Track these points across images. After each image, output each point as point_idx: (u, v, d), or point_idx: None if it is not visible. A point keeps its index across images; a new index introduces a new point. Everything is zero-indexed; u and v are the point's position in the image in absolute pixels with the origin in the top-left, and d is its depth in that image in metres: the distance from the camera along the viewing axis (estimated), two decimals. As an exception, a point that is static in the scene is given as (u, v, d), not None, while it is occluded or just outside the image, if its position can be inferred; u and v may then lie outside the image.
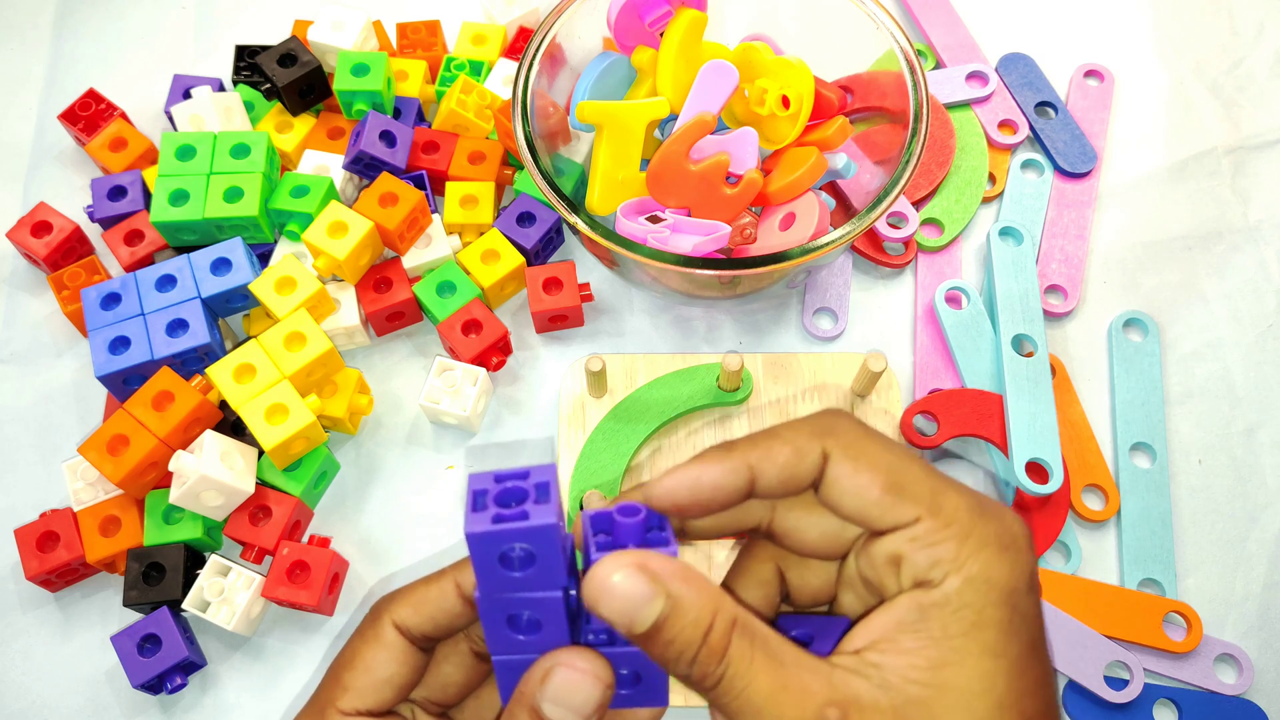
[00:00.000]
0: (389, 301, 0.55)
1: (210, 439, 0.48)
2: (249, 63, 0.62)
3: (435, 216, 0.57)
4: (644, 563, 0.27)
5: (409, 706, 0.34)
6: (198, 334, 0.50)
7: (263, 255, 0.56)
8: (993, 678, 0.27)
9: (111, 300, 0.52)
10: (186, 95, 0.61)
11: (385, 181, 0.55)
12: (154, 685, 0.47)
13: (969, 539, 0.28)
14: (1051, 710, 0.29)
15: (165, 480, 0.49)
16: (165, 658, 0.46)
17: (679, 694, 0.47)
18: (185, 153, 0.55)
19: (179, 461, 0.47)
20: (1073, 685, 0.48)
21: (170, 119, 0.60)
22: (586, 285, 0.56)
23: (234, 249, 0.53)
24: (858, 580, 0.31)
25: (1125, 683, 0.48)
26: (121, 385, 0.51)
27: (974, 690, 0.27)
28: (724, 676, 0.27)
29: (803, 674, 0.27)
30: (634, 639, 0.28)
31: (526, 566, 0.29)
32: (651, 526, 0.30)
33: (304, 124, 0.60)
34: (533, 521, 0.28)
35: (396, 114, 0.60)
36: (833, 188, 0.56)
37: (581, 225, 0.48)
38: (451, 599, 0.33)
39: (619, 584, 0.27)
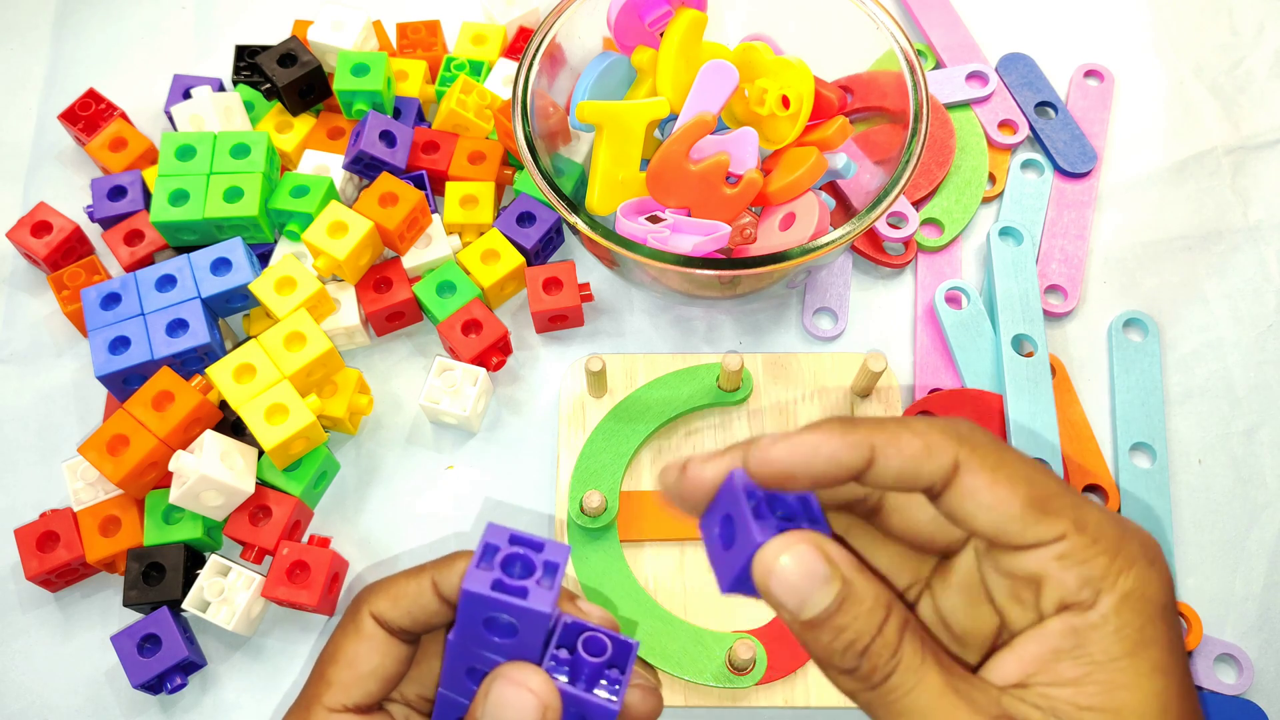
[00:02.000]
0: (389, 301, 0.55)
1: (210, 439, 0.48)
2: (249, 63, 0.62)
3: (435, 216, 0.57)
4: (821, 544, 0.26)
5: (401, 708, 0.34)
6: (198, 334, 0.50)
7: (263, 255, 0.56)
8: (1166, 697, 0.26)
9: (111, 300, 0.52)
10: (186, 95, 0.61)
11: (385, 181, 0.55)
12: (154, 685, 0.47)
13: (1119, 555, 0.27)
14: None
15: (165, 480, 0.49)
16: (165, 658, 0.46)
17: (678, 694, 0.47)
18: (185, 153, 0.55)
19: (179, 461, 0.47)
20: (1073, 685, 0.48)
21: (170, 119, 0.60)
22: (586, 285, 0.56)
23: (234, 249, 0.53)
24: (968, 584, 0.29)
25: (1125, 683, 0.48)
26: (121, 385, 0.51)
27: (1151, 712, 0.26)
28: (894, 672, 0.26)
29: (973, 688, 0.26)
30: (799, 626, 0.26)
31: (507, 635, 0.29)
32: (808, 515, 0.29)
33: (304, 124, 0.60)
34: (528, 603, 0.28)
35: (396, 114, 0.60)
36: (833, 188, 0.56)
37: (581, 225, 0.48)
38: (429, 596, 0.32)
39: (793, 565, 0.26)
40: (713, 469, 0.28)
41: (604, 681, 0.29)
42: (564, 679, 0.29)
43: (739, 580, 0.27)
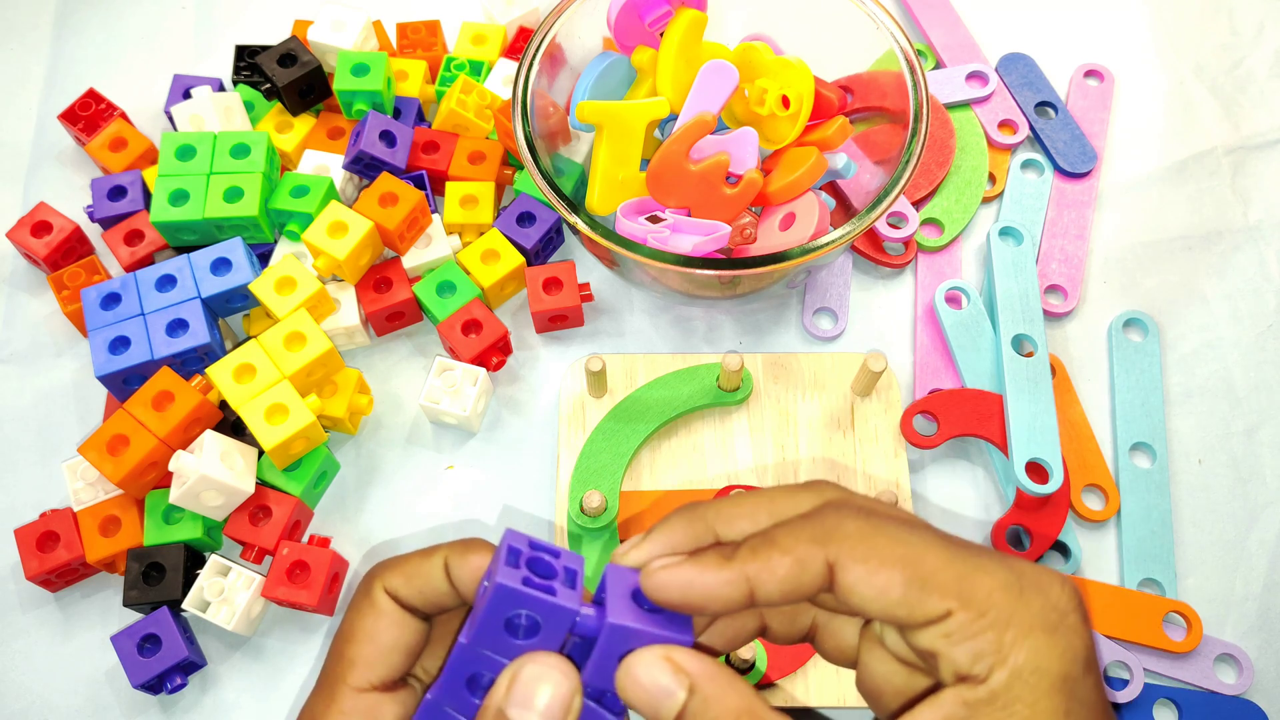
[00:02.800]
0: (389, 301, 0.55)
1: (210, 439, 0.48)
2: (249, 63, 0.62)
3: (435, 216, 0.57)
4: (671, 655, 0.27)
5: (423, 685, 0.34)
6: (198, 334, 0.50)
7: (263, 255, 0.56)
8: None
9: (111, 300, 0.52)
10: (186, 95, 0.61)
11: (385, 181, 0.55)
12: (154, 685, 0.47)
13: (1009, 626, 0.26)
14: None
15: (165, 480, 0.49)
16: (165, 658, 0.46)
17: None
18: (185, 153, 0.55)
19: (179, 461, 0.47)
20: (1073, 685, 0.48)
21: (170, 119, 0.60)
22: (586, 285, 0.56)
23: (234, 249, 0.53)
24: (888, 649, 0.29)
25: (1125, 683, 0.48)
26: (121, 385, 0.51)
27: None
28: None
29: None
30: None
31: (528, 636, 0.29)
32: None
33: (304, 124, 0.60)
34: (559, 600, 0.28)
35: (396, 114, 0.60)
36: (833, 188, 0.56)
37: (581, 225, 0.48)
38: (440, 578, 0.32)
39: (645, 673, 0.27)
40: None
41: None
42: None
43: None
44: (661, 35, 0.54)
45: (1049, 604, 0.26)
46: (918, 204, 0.60)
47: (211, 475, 0.46)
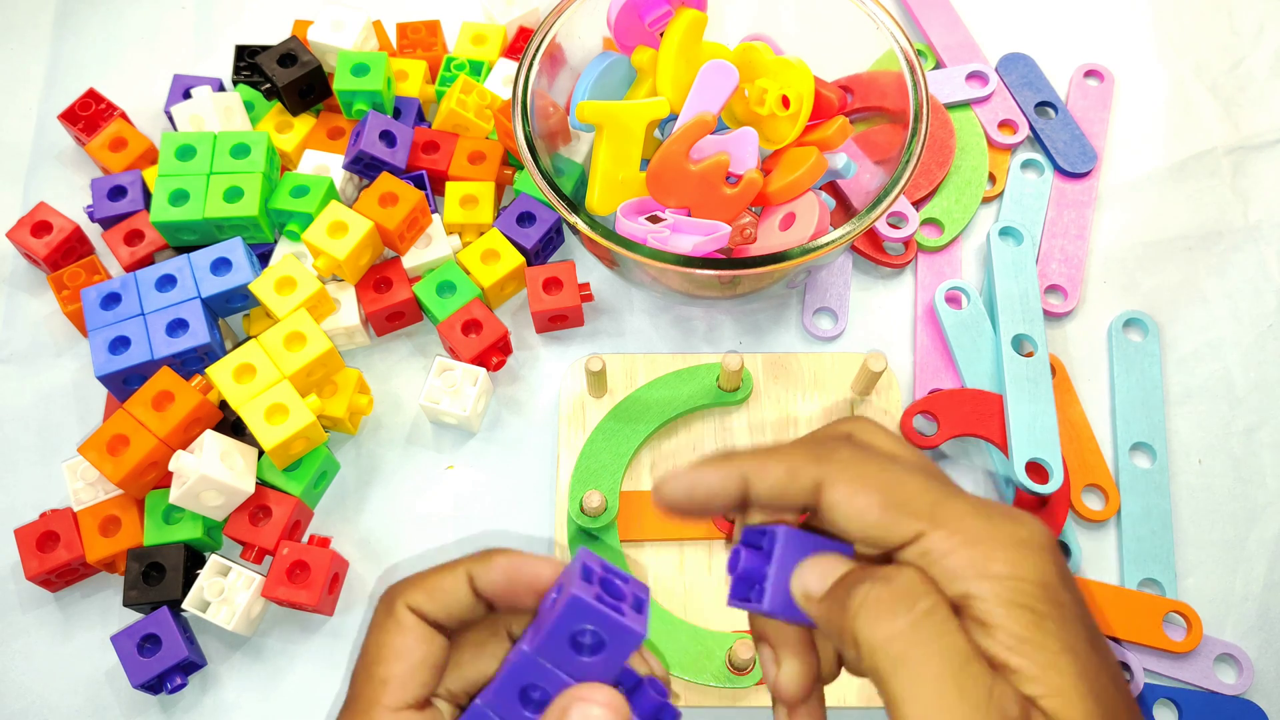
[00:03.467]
0: (389, 301, 0.55)
1: (210, 439, 0.48)
2: (249, 63, 0.62)
3: (435, 216, 0.57)
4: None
5: (445, 703, 0.33)
6: (198, 334, 0.50)
7: (263, 255, 0.56)
8: (1089, 674, 0.26)
9: (111, 300, 0.52)
10: (186, 95, 0.61)
11: (385, 181, 0.55)
12: (154, 685, 0.47)
13: (981, 543, 0.27)
14: (1134, 707, 0.28)
15: (165, 480, 0.49)
16: (165, 658, 0.46)
17: (678, 693, 0.47)
18: (185, 153, 0.55)
19: (179, 461, 0.47)
20: (1073, 685, 0.48)
21: (170, 119, 0.60)
22: (586, 285, 0.56)
23: (234, 249, 0.53)
24: None
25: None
26: (121, 385, 0.51)
27: (1081, 693, 0.25)
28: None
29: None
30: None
31: (592, 653, 0.29)
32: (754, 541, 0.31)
33: (304, 124, 0.60)
34: (628, 622, 0.28)
35: (396, 114, 0.60)
36: (833, 188, 0.56)
37: (581, 225, 0.48)
38: (464, 591, 0.32)
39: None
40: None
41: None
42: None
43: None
44: (661, 35, 0.54)
45: (1019, 527, 0.28)
46: (918, 204, 0.60)
47: (211, 475, 0.46)
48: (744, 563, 0.30)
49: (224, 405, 0.51)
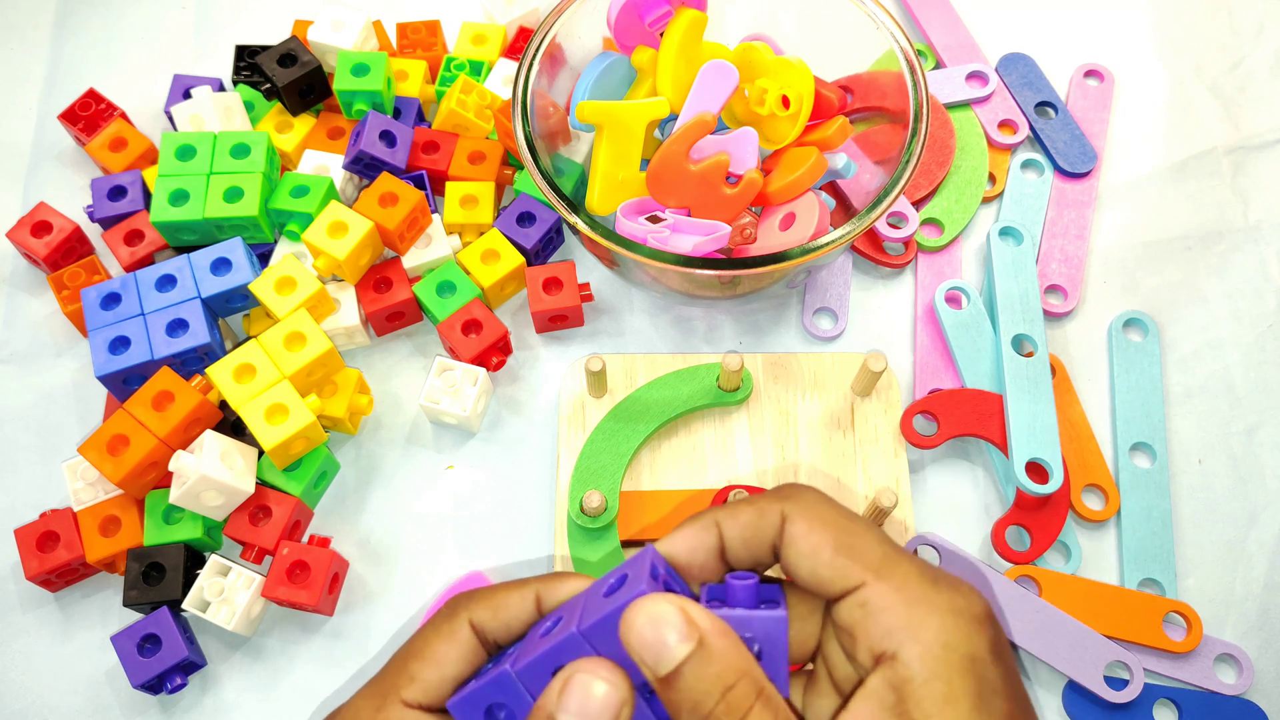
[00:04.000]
0: (389, 301, 0.55)
1: (210, 439, 0.48)
2: (249, 63, 0.62)
3: (435, 216, 0.57)
4: (684, 606, 0.28)
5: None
6: (198, 334, 0.50)
7: (263, 255, 0.56)
8: None
9: (111, 300, 0.52)
10: (186, 95, 0.61)
11: (385, 181, 0.55)
12: (154, 685, 0.47)
13: (919, 605, 0.27)
14: None
15: (165, 480, 0.49)
16: (165, 658, 0.46)
17: None
18: (185, 153, 0.55)
19: (179, 461, 0.47)
20: (1073, 685, 0.48)
21: (170, 119, 0.60)
22: (586, 285, 0.56)
23: (234, 249, 0.53)
24: (837, 640, 0.31)
25: (1125, 683, 0.48)
26: (121, 385, 0.51)
27: None
28: None
29: None
30: (656, 682, 0.28)
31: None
32: (765, 598, 0.31)
33: (304, 124, 0.60)
34: None
35: (396, 114, 0.60)
36: (833, 188, 0.56)
37: (581, 225, 0.48)
38: (530, 609, 0.32)
39: (650, 620, 0.27)
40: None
41: None
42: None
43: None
44: (661, 35, 0.54)
45: (959, 596, 0.28)
46: (918, 204, 0.60)
47: (211, 475, 0.46)
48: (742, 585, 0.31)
49: (224, 405, 0.51)
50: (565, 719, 0.28)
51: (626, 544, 0.51)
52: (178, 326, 0.51)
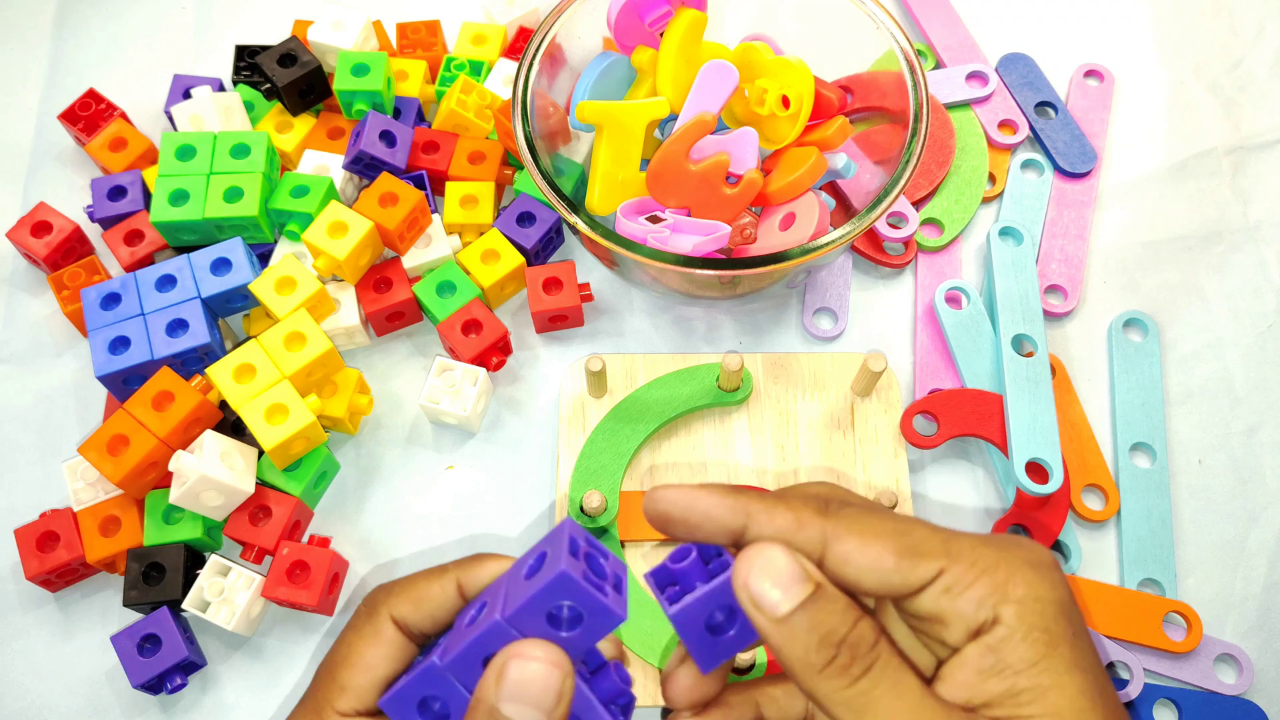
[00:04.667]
0: (389, 301, 0.55)
1: (210, 439, 0.48)
2: (249, 63, 0.62)
3: (435, 216, 0.57)
4: (795, 553, 0.28)
5: None
6: (198, 334, 0.50)
7: (263, 255, 0.56)
8: (1089, 691, 0.27)
9: (111, 300, 0.52)
10: (186, 95, 0.61)
11: (385, 181, 0.55)
12: (154, 685, 0.47)
13: (999, 568, 0.28)
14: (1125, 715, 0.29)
15: (165, 480, 0.49)
16: (165, 658, 0.46)
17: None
18: (185, 153, 0.55)
19: (179, 461, 0.47)
20: (1073, 685, 0.48)
21: (170, 119, 0.60)
22: (586, 285, 0.56)
23: (234, 249, 0.53)
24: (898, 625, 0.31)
25: (1125, 683, 0.48)
26: (121, 385, 0.51)
27: (1081, 708, 0.27)
28: (873, 666, 0.27)
29: (946, 702, 0.27)
30: (775, 625, 0.27)
31: (569, 628, 0.29)
32: (710, 557, 0.31)
33: (304, 124, 0.60)
34: (610, 603, 0.28)
35: (396, 114, 0.60)
36: (833, 188, 0.56)
37: (581, 225, 0.48)
38: (453, 597, 0.32)
39: (771, 561, 0.28)
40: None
41: (614, 704, 0.30)
42: (583, 680, 0.30)
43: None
44: (661, 35, 0.54)
45: (1026, 550, 0.29)
46: (918, 204, 0.60)
47: (211, 475, 0.46)
48: (686, 563, 0.30)
49: (224, 405, 0.51)
50: (507, 707, 0.28)
51: (626, 544, 0.51)
52: (178, 326, 0.51)
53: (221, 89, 0.63)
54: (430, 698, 0.30)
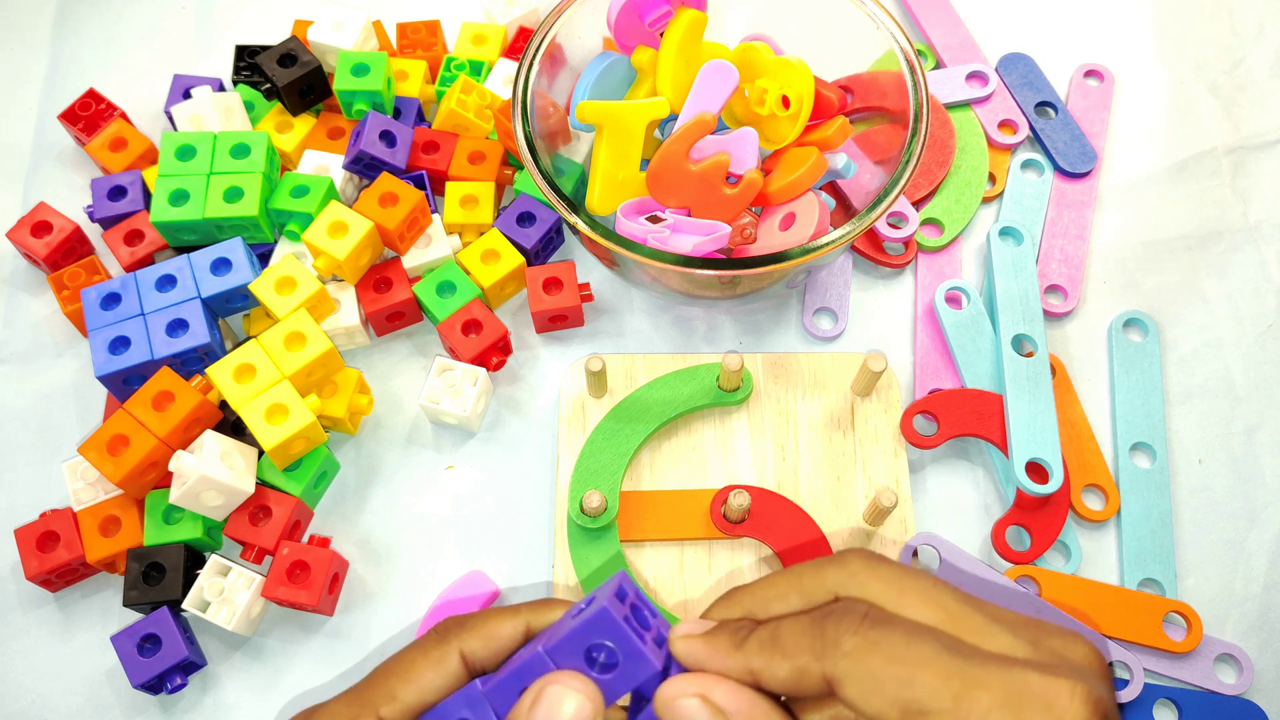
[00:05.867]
0: (389, 301, 0.55)
1: (210, 439, 0.48)
2: (249, 63, 0.62)
3: (435, 216, 0.57)
4: (708, 693, 0.29)
5: None
6: (198, 334, 0.50)
7: (263, 255, 0.56)
8: None
9: (111, 300, 0.52)
10: (186, 95, 0.61)
11: (385, 181, 0.55)
12: (154, 685, 0.47)
13: None
14: None
15: (165, 480, 0.49)
16: (165, 658, 0.46)
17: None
18: (185, 153, 0.55)
19: (179, 461, 0.47)
20: (1073, 685, 0.48)
21: (170, 119, 0.60)
22: (586, 285, 0.56)
23: (234, 249, 0.53)
24: None
25: (1125, 683, 0.48)
26: (121, 385, 0.51)
27: None
28: None
29: None
30: None
31: (603, 671, 0.29)
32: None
33: (304, 124, 0.60)
34: (647, 651, 0.29)
35: (396, 114, 0.60)
36: (833, 188, 0.56)
37: (581, 225, 0.48)
38: (520, 637, 0.33)
39: (686, 711, 0.28)
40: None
41: None
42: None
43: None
44: (661, 35, 0.54)
45: (1051, 714, 0.26)
46: (918, 204, 0.60)
47: (211, 475, 0.46)
48: None
49: (224, 405, 0.51)
50: None
51: (626, 544, 0.51)
52: (178, 326, 0.51)
53: (221, 89, 0.63)
54: None
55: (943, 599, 0.29)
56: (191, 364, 0.51)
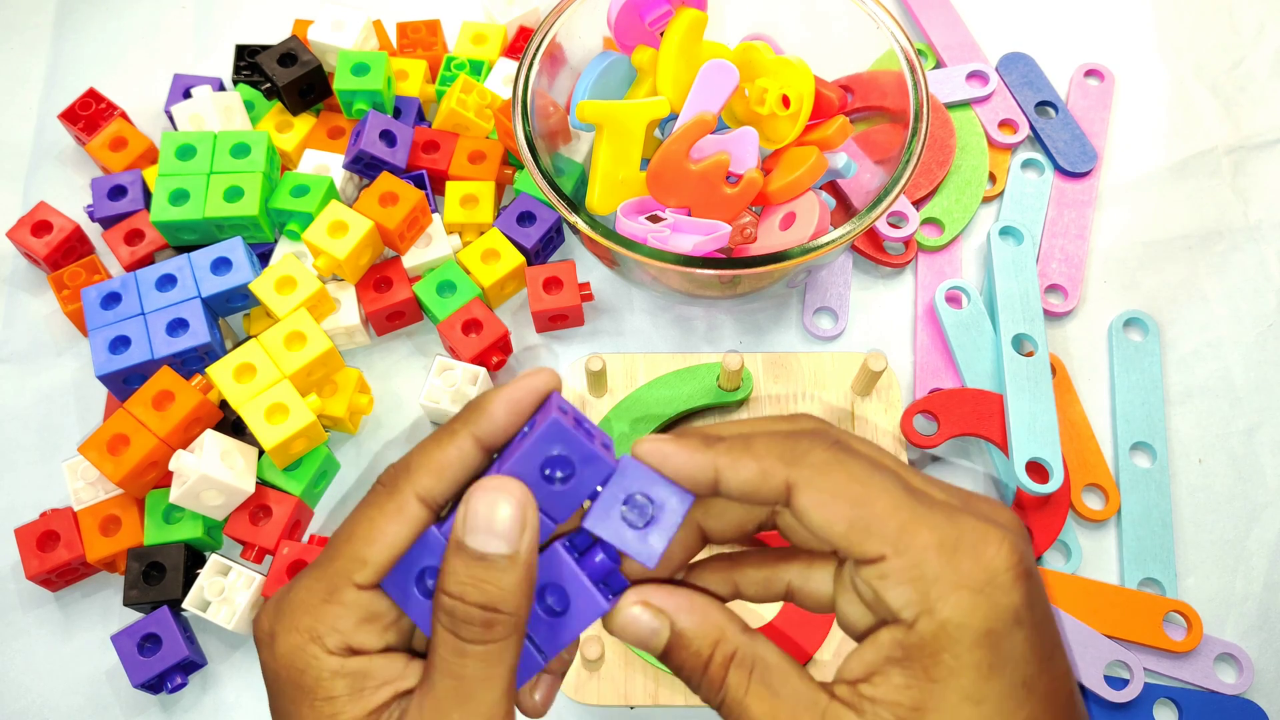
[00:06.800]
0: (389, 301, 0.55)
1: (210, 439, 0.48)
2: (249, 62, 0.62)
3: (435, 216, 0.57)
4: (648, 599, 0.30)
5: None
6: (198, 334, 0.50)
7: (263, 255, 0.56)
8: None
9: (111, 300, 0.52)
10: (186, 95, 0.61)
11: (385, 181, 0.55)
12: (154, 685, 0.47)
13: (937, 582, 0.27)
14: None
15: (165, 480, 0.49)
16: (165, 657, 0.46)
17: (678, 694, 0.47)
18: (185, 152, 0.55)
19: (179, 461, 0.47)
20: (1073, 685, 0.48)
21: (170, 118, 0.60)
22: (586, 285, 0.56)
23: (234, 248, 0.53)
24: (856, 593, 0.31)
25: (1125, 682, 0.48)
26: (121, 385, 0.51)
27: None
28: (723, 702, 0.30)
29: (797, 707, 0.28)
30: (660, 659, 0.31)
31: (562, 484, 0.29)
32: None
33: (304, 124, 0.60)
34: (598, 451, 0.29)
35: (396, 114, 0.60)
36: (833, 187, 0.56)
37: (581, 225, 0.48)
38: (471, 456, 0.31)
39: (633, 618, 0.30)
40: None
41: (604, 584, 0.31)
42: (571, 557, 0.30)
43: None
44: (661, 35, 0.54)
45: (979, 565, 0.27)
46: (918, 204, 0.60)
47: (211, 475, 0.46)
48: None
49: (224, 405, 0.51)
50: (472, 539, 0.28)
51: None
52: (178, 326, 0.51)
53: (221, 89, 0.63)
54: (428, 570, 0.30)
55: (889, 460, 0.31)
56: (192, 363, 0.51)
